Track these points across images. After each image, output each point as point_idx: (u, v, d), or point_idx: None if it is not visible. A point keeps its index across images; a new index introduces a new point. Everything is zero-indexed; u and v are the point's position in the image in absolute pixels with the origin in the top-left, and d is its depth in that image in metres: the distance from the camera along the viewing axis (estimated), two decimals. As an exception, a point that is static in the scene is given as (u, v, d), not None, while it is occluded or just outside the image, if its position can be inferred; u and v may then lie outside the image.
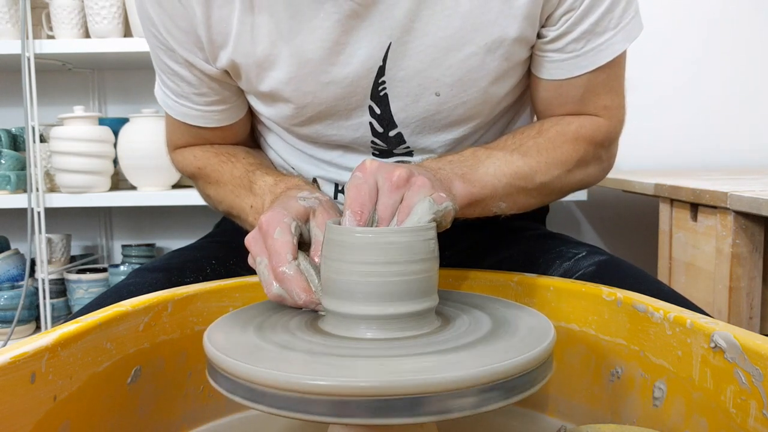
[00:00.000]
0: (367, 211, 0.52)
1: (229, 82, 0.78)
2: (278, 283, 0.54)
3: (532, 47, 0.74)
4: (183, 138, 0.86)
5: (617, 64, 0.75)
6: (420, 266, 0.48)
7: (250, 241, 0.58)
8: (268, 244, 0.55)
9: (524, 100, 0.84)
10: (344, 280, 0.48)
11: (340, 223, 0.52)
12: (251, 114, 0.86)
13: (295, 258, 0.54)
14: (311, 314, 0.54)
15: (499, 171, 0.68)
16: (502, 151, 0.71)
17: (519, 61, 0.74)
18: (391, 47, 0.70)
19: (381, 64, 0.71)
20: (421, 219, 0.51)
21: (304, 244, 0.57)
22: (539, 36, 0.73)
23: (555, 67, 0.74)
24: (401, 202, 0.53)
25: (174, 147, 0.88)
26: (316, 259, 0.55)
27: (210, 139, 0.84)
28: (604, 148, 0.79)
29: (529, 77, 0.79)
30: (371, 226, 0.52)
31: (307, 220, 0.58)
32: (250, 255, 0.58)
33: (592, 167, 0.78)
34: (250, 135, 0.90)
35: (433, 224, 0.50)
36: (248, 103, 0.82)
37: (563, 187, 0.76)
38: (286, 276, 0.54)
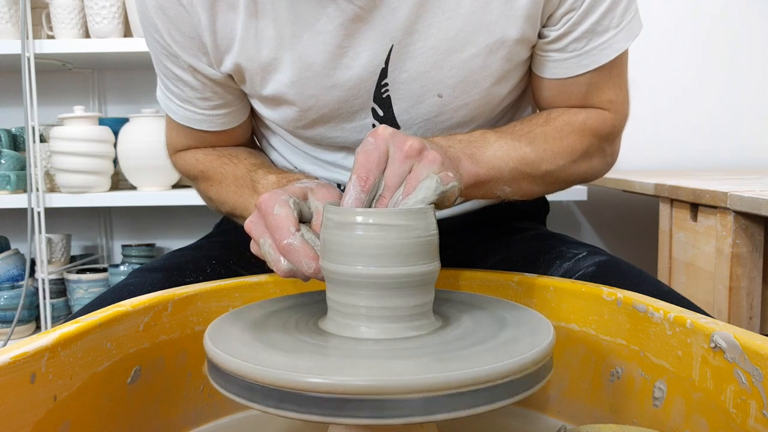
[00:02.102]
0: (372, 178, 0.51)
1: (233, 86, 0.78)
2: (285, 257, 0.54)
3: (534, 47, 0.74)
4: (185, 141, 0.86)
5: (620, 61, 0.76)
6: (419, 234, 0.48)
7: (249, 225, 0.57)
8: (269, 221, 0.55)
9: (525, 98, 0.84)
10: (345, 252, 0.48)
11: (338, 206, 0.52)
12: (253, 116, 0.86)
13: (298, 230, 0.54)
14: (311, 314, 0.54)
15: (506, 155, 0.68)
16: (510, 135, 0.71)
17: (520, 61, 0.74)
18: (393, 50, 0.70)
19: (383, 66, 0.71)
20: (426, 197, 0.51)
21: (304, 221, 0.57)
22: (540, 36, 0.73)
23: (557, 67, 0.74)
24: (409, 172, 0.52)
25: (175, 150, 0.88)
26: (319, 231, 0.55)
27: (212, 142, 0.85)
28: (608, 141, 0.79)
29: (530, 76, 0.79)
30: (376, 194, 0.52)
31: (305, 198, 0.58)
32: (252, 241, 0.58)
33: (596, 160, 0.78)
34: (251, 137, 0.90)
35: (432, 207, 0.50)
36: (251, 106, 0.82)
37: (567, 177, 0.76)
38: (292, 248, 0.53)
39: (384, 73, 0.72)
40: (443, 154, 0.55)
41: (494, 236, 0.88)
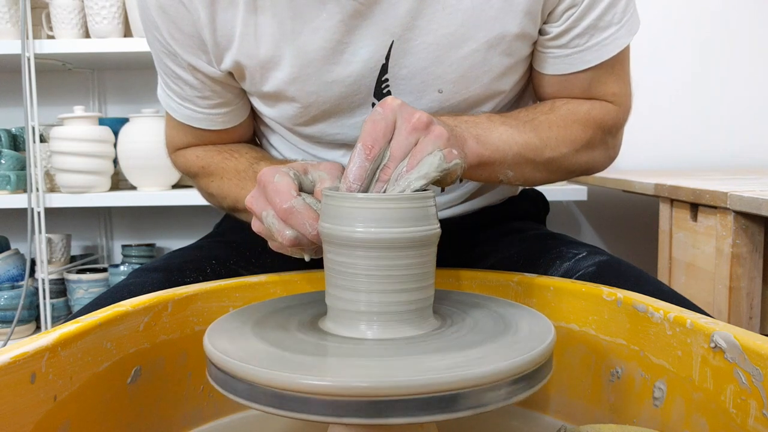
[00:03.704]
0: (378, 147, 0.52)
1: (233, 85, 0.78)
2: (287, 221, 0.54)
3: (535, 43, 0.74)
4: (185, 139, 0.86)
5: (622, 56, 0.76)
6: (418, 206, 0.49)
7: (250, 200, 0.58)
8: (269, 190, 0.55)
9: (527, 93, 0.84)
10: (344, 216, 0.48)
11: (337, 190, 0.52)
12: (254, 115, 0.86)
13: (299, 195, 0.55)
14: (311, 314, 0.54)
15: (511, 139, 0.68)
16: (515, 120, 0.71)
17: (521, 57, 0.75)
18: (393, 45, 0.70)
19: (384, 62, 0.71)
20: (428, 173, 0.51)
21: (304, 192, 0.57)
22: (542, 33, 0.73)
23: (559, 62, 0.75)
24: (415, 145, 0.53)
25: (175, 148, 0.88)
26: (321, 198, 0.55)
27: (213, 141, 0.85)
28: (611, 134, 0.80)
29: (531, 72, 0.79)
30: (381, 164, 0.52)
31: (305, 173, 0.58)
32: (253, 219, 0.58)
33: (598, 152, 0.79)
34: (252, 136, 0.90)
35: (432, 193, 0.51)
36: (251, 105, 0.82)
37: (569, 166, 0.76)
38: (294, 211, 0.54)
39: (384, 69, 0.72)
40: (449, 132, 0.55)
41: (494, 236, 0.88)
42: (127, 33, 1.86)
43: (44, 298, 1.86)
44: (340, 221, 0.48)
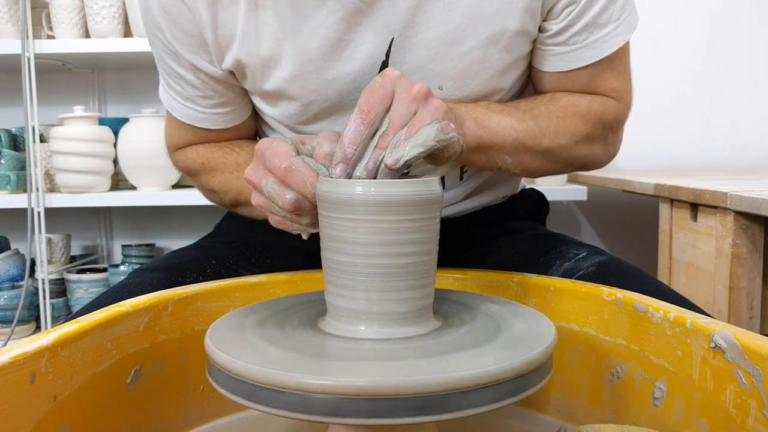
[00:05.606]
0: (374, 113, 0.52)
1: (234, 84, 0.78)
2: (287, 182, 0.54)
3: (534, 41, 0.75)
4: (186, 138, 0.86)
5: (622, 52, 0.76)
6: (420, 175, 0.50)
7: (249, 173, 0.58)
8: (268, 155, 0.55)
9: (525, 92, 0.84)
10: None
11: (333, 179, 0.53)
12: (256, 115, 0.86)
13: (298, 155, 0.55)
14: (311, 315, 0.54)
15: (510, 125, 0.69)
16: (515, 108, 0.72)
17: (521, 54, 0.75)
18: (393, 42, 0.70)
19: (384, 59, 0.71)
20: (425, 141, 0.51)
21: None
22: (542, 30, 0.73)
23: (559, 60, 0.75)
24: (414, 115, 0.53)
25: (175, 148, 0.88)
26: (320, 160, 0.55)
27: (214, 140, 0.85)
28: (611, 129, 0.80)
29: (530, 70, 0.79)
30: (377, 131, 0.53)
31: (303, 143, 0.58)
32: (253, 193, 0.58)
33: (597, 146, 0.79)
34: (254, 136, 0.90)
35: (436, 178, 0.50)
36: (252, 104, 0.82)
37: (568, 157, 0.76)
38: (294, 169, 0.53)
39: (385, 66, 0.72)
40: (448, 107, 0.56)
41: (494, 236, 0.88)
42: (127, 33, 1.86)
43: (44, 298, 1.86)
44: (340, 185, 0.48)
